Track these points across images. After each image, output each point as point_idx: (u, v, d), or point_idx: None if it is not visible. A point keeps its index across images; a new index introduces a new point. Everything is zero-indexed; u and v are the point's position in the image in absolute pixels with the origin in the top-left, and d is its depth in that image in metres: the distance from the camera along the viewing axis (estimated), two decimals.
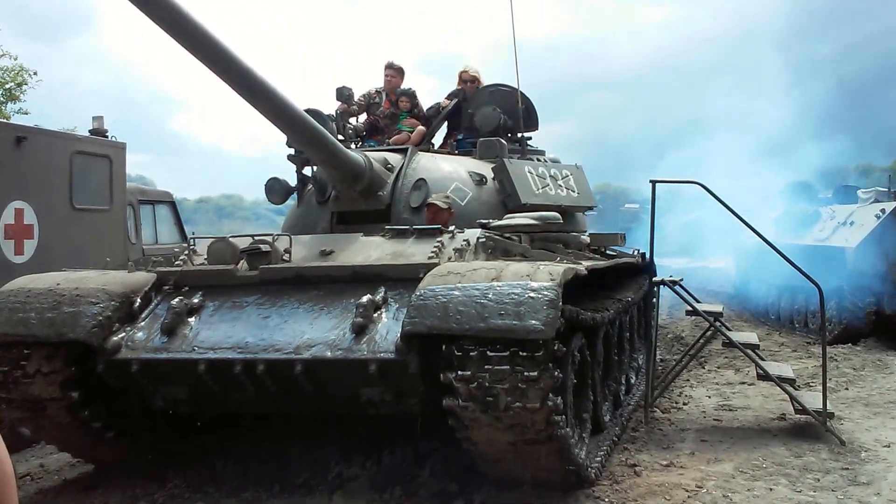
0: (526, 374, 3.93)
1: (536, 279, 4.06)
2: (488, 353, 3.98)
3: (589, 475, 4.80)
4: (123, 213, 8.38)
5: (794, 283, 11.09)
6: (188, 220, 11.98)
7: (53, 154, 7.25)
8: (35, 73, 17.95)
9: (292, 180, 6.77)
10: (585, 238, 7.73)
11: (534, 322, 3.87)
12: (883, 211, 10.51)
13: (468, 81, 7.91)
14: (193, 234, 5.88)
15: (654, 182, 6.38)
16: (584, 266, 4.78)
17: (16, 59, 17.86)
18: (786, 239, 11.04)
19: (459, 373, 4.03)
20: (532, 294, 3.96)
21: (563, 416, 4.18)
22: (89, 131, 8.18)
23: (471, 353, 4.01)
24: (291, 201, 7.24)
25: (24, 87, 17.88)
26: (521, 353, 3.94)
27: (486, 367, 3.99)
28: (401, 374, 4.24)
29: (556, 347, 3.97)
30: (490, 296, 4.00)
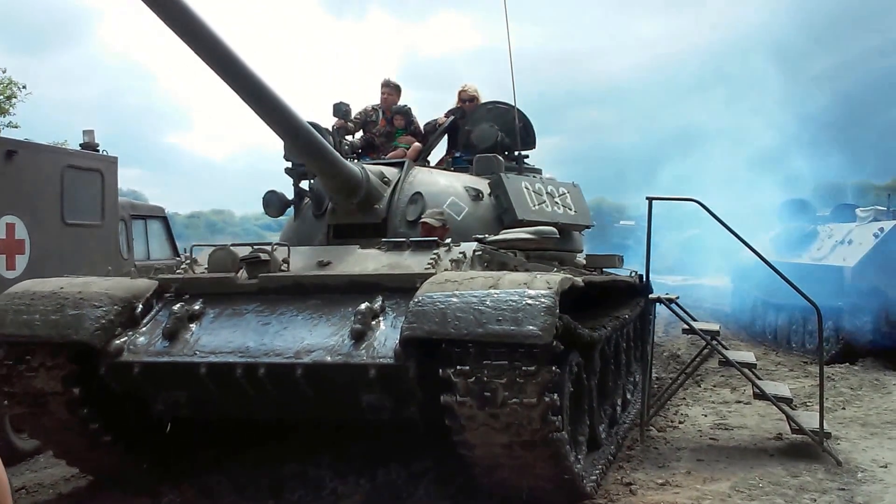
0: (524, 368, 3.96)
1: (534, 287, 4.08)
2: (487, 349, 4.01)
3: (585, 487, 4.77)
4: (115, 229, 8.30)
5: (792, 302, 11.08)
6: (180, 234, 11.92)
7: (44, 168, 7.21)
8: (24, 87, 17.81)
9: (289, 193, 6.76)
10: (581, 260, 7.73)
11: (531, 328, 3.89)
12: (882, 230, 10.50)
13: (467, 100, 7.93)
14: (184, 248, 5.87)
15: (650, 199, 6.39)
16: (580, 280, 4.78)
17: (4, 71, 17.72)
18: (783, 257, 11.05)
19: (458, 367, 4.06)
20: (530, 301, 3.98)
21: (559, 417, 4.18)
22: (80, 145, 8.13)
23: (470, 350, 4.04)
24: (285, 217, 7.24)
25: (14, 100, 17.72)
26: (519, 349, 3.96)
27: (484, 362, 4.02)
28: (400, 379, 4.26)
29: (553, 344, 3.97)
30: (488, 302, 4.02)
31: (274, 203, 6.70)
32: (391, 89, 7.90)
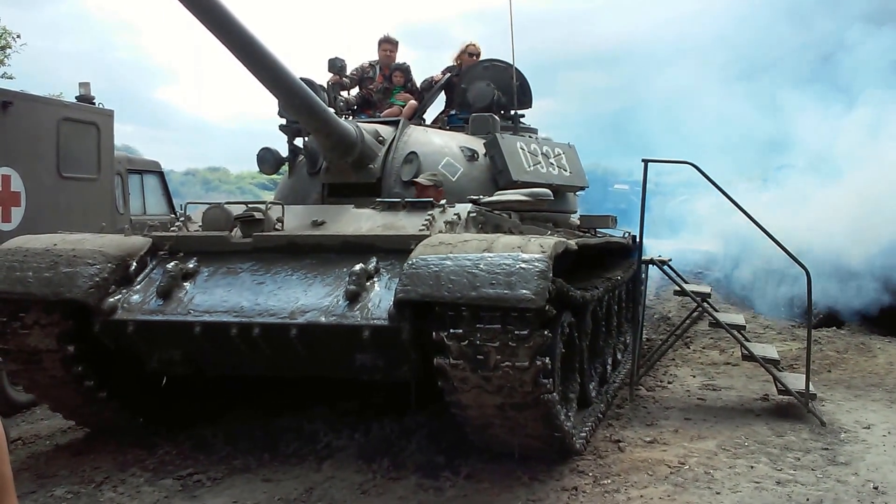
0: (516, 332, 3.99)
1: (527, 251, 4.09)
2: (481, 312, 4.04)
3: (574, 444, 4.87)
4: (111, 183, 8.27)
5: (782, 267, 11.11)
6: (175, 192, 11.84)
7: (40, 120, 7.15)
8: (19, 36, 17.43)
9: (284, 151, 6.74)
10: (575, 220, 7.74)
11: (524, 291, 3.91)
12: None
13: (474, 55, 7.88)
14: (180, 206, 5.87)
15: (646, 161, 6.39)
16: (573, 242, 4.80)
17: None
18: (775, 222, 11.04)
19: (451, 331, 4.09)
20: (523, 265, 3.99)
21: (551, 380, 4.23)
22: (76, 98, 8.07)
23: (463, 313, 4.06)
24: (279, 176, 7.22)
25: (8, 50, 17.35)
26: (512, 313, 3.99)
27: (477, 325, 4.05)
28: (393, 340, 4.31)
29: (546, 308, 4.00)
30: (481, 266, 4.03)
31: (268, 160, 6.68)
32: (392, 46, 7.84)
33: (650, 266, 7.16)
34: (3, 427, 1.73)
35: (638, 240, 7.19)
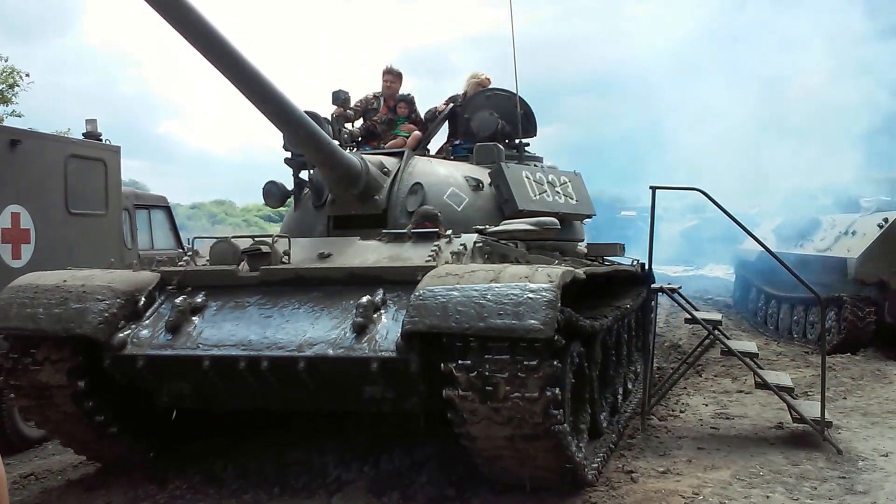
0: (526, 363, 3.98)
1: (535, 280, 4.08)
2: (489, 343, 4.03)
3: (586, 475, 4.81)
4: (119, 218, 8.33)
5: (794, 293, 11.06)
6: (182, 225, 11.88)
7: (48, 157, 7.22)
8: (27, 75, 17.38)
9: (289, 184, 6.76)
10: (583, 248, 7.71)
11: (533, 322, 3.90)
12: (886, 220, 10.45)
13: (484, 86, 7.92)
14: (187, 240, 5.90)
15: (654, 188, 6.37)
16: (581, 271, 4.78)
17: (6, 60, 17.29)
18: (786, 248, 11.02)
19: (460, 362, 4.08)
20: (531, 295, 3.98)
21: (561, 411, 4.19)
22: (83, 134, 8.14)
23: (471, 344, 4.06)
24: (286, 208, 7.22)
25: (16, 88, 17.33)
26: (521, 343, 3.97)
27: (486, 356, 4.04)
28: (402, 372, 4.29)
29: (555, 338, 3.98)
30: (489, 296, 4.02)
31: (274, 193, 6.71)
32: (394, 77, 7.87)
33: (660, 294, 7.10)
34: (1, 467, 1.71)
35: (647, 267, 7.16)
